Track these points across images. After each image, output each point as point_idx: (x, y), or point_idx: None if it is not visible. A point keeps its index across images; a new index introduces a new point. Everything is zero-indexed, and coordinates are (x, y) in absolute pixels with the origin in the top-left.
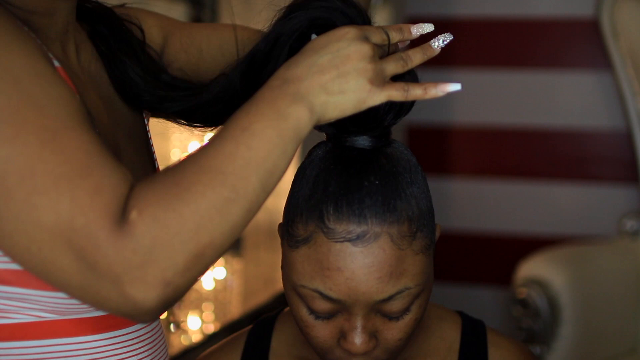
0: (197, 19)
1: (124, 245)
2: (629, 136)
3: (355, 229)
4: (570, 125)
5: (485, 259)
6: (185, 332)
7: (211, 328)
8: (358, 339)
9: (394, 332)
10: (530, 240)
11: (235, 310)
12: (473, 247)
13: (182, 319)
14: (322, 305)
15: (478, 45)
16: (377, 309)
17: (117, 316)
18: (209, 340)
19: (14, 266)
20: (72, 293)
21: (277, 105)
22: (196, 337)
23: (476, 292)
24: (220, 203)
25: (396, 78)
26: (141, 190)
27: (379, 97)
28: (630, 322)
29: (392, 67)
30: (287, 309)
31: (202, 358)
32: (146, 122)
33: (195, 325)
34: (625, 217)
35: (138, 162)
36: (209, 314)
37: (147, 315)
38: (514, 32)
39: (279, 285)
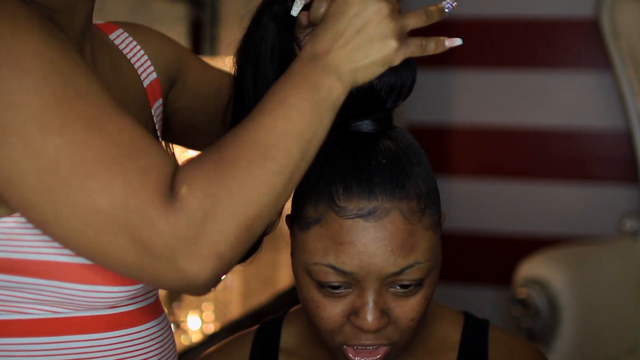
0: (197, 19)
1: (177, 220)
2: (629, 136)
3: (366, 205)
4: (570, 125)
5: (485, 259)
6: (185, 332)
7: (211, 328)
8: (370, 315)
9: (405, 310)
10: (530, 240)
11: (235, 310)
12: (473, 247)
13: (182, 319)
14: (335, 279)
15: (478, 45)
16: (389, 284)
17: (130, 314)
18: (209, 340)
19: (39, 257)
20: (129, 273)
21: (309, 78)
22: (196, 337)
23: (476, 292)
24: (266, 176)
25: None
26: (188, 168)
27: (402, 55)
28: (630, 322)
29: (413, 21)
30: (293, 309)
31: (205, 357)
32: (159, 135)
33: (195, 325)
34: (625, 217)
35: None
36: (209, 314)
37: (202, 289)
38: (514, 32)
39: (279, 285)
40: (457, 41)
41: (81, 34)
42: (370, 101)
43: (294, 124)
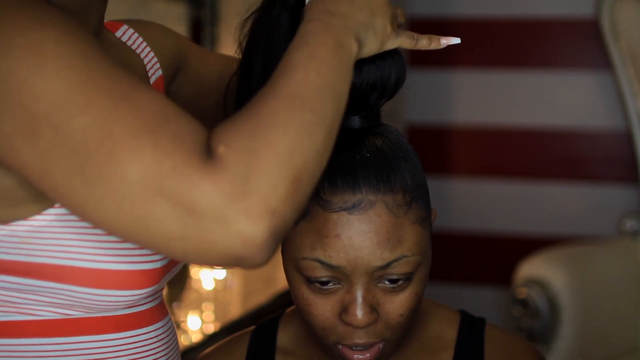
0: (197, 19)
1: (220, 177)
2: (629, 136)
3: (351, 198)
4: (570, 125)
5: (485, 259)
6: (185, 332)
7: (211, 328)
8: (359, 311)
9: (395, 306)
10: (530, 240)
11: (235, 310)
12: (473, 247)
13: (182, 319)
14: (323, 274)
15: (478, 45)
16: (377, 279)
17: (139, 315)
18: (209, 340)
19: (54, 261)
20: (175, 247)
21: (333, 35)
22: (196, 337)
23: (476, 292)
24: (305, 125)
25: (379, 56)
26: (222, 128)
27: (395, 41)
28: (630, 322)
29: (400, 14)
30: (290, 309)
31: (203, 357)
32: None
33: (195, 325)
34: (625, 217)
35: None
36: (209, 314)
37: (259, 252)
38: (514, 32)
39: (279, 285)
40: (455, 40)
41: (95, 34)
42: (353, 97)
43: (325, 78)
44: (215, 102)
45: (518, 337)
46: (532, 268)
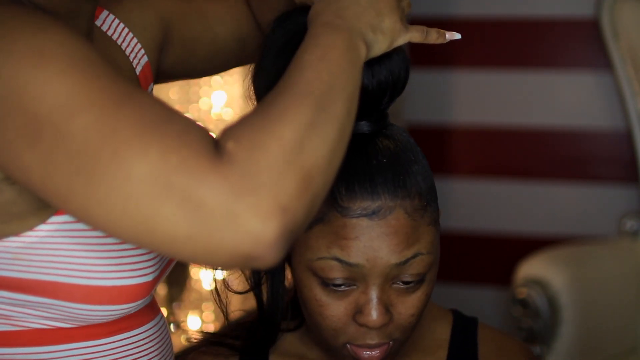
0: None
1: (229, 171)
2: (629, 136)
3: (370, 205)
4: (570, 125)
5: (485, 259)
6: (185, 332)
7: (211, 328)
8: (375, 311)
9: (407, 306)
10: (530, 240)
11: (235, 310)
12: (473, 247)
13: (182, 319)
14: (339, 275)
15: (478, 45)
16: (393, 279)
17: (129, 318)
18: None
19: (46, 277)
20: (182, 248)
21: (342, 38)
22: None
23: (476, 292)
24: (316, 122)
25: (384, 56)
26: (232, 126)
27: (405, 37)
28: (630, 322)
29: (406, 5)
30: None
31: (196, 354)
32: None
33: (195, 325)
34: (625, 217)
35: None
36: (209, 314)
37: (269, 251)
38: (514, 32)
39: None
40: (457, 35)
41: (86, 36)
42: (365, 102)
43: (336, 78)
44: (203, 57)
45: (510, 336)
46: (532, 268)
